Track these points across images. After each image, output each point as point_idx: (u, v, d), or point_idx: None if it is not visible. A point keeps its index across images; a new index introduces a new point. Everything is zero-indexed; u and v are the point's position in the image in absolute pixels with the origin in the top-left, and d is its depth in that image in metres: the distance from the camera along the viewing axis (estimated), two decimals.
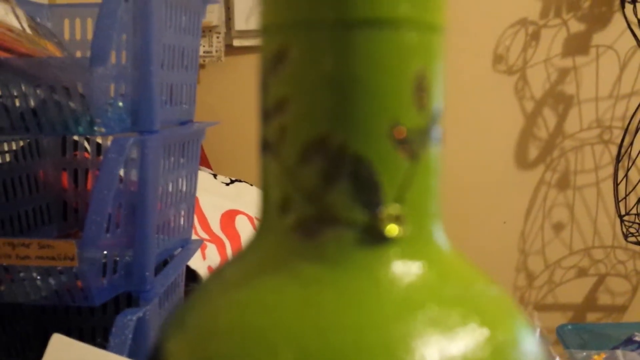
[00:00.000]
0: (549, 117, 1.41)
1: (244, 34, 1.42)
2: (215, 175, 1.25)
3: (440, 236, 0.15)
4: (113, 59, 0.51)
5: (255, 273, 0.14)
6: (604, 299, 1.43)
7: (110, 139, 0.65)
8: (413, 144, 0.13)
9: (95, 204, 0.50)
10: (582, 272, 1.43)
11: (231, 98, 1.48)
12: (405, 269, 0.13)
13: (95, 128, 0.54)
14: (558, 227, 1.43)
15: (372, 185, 0.13)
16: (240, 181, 1.23)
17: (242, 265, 0.15)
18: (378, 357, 0.12)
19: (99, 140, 0.76)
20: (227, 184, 1.19)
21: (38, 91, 0.55)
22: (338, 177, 0.13)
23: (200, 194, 0.79)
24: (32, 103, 0.57)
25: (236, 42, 1.43)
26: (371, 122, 0.13)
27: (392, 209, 0.13)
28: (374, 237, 0.13)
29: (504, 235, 1.44)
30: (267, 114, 0.14)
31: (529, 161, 1.42)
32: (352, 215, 0.13)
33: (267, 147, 0.15)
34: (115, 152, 0.51)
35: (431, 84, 0.14)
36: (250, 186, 1.22)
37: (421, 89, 0.13)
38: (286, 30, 0.14)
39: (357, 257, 0.14)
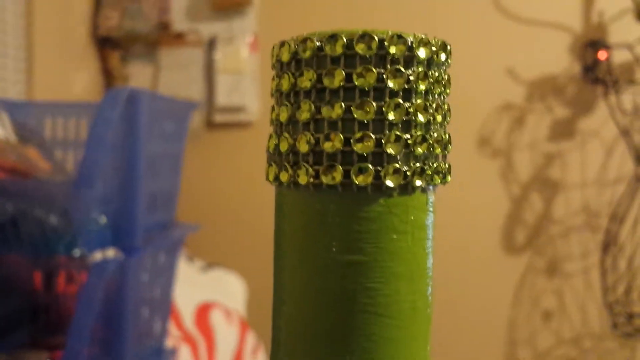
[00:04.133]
0: (536, 201, 1.47)
1: (225, 110, 1.46)
2: (191, 259, 1.27)
3: None
4: (99, 181, 0.54)
5: None
6: None
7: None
8: None
9: (76, 328, 0.52)
10: None
11: (210, 175, 1.51)
12: None
13: (76, 249, 0.56)
14: (546, 316, 1.46)
15: None
16: (217, 266, 1.25)
17: None
18: None
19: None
20: (203, 270, 1.21)
21: (20, 207, 0.58)
22: None
23: (175, 284, 0.81)
24: (11, 215, 0.59)
25: (217, 118, 1.48)
26: None
27: None
28: None
29: (490, 324, 1.46)
30: None
31: (515, 246, 1.47)
32: None
33: None
34: (96, 276, 0.53)
35: None
36: (227, 273, 1.23)
37: None
38: None
39: None
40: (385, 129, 0.16)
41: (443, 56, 0.18)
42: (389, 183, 0.15)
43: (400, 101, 0.17)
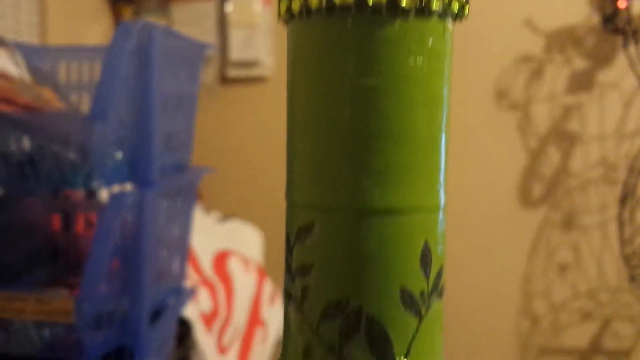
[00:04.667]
0: (553, 154, 1.45)
1: (238, 64, 1.45)
2: (207, 211, 1.28)
3: None
4: (114, 113, 0.54)
5: None
6: (608, 342, 1.45)
7: (103, 190, 0.67)
8: (419, 305, 0.17)
9: (93, 261, 0.53)
10: (587, 315, 1.46)
11: (225, 130, 1.51)
12: None
13: (94, 182, 0.57)
14: (562, 269, 1.46)
15: (385, 341, 0.16)
16: (233, 218, 1.26)
17: None
18: None
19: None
20: (220, 222, 1.21)
21: (36, 141, 0.58)
22: (355, 334, 0.16)
23: (192, 233, 0.82)
24: (29, 152, 0.59)
25: (231, 73, 1.47)
26: (384, 289, 0.16)
27: None
28: None
29: (506, 277, 1.47)
30: (292, 272, 0.18)
31: (532, 200, 1.46)
32: None
33: (290, 298, 0.18)
34: (114, 208, 0.54)
35: (434, 253, 0.17)
36: (243, 224, 1.24)
37: (426, 259, 0.16)
38: (313, 210, 0.17)
39: None
40: None
41: None
42: (404, 4, 0.15)
43: None
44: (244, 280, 0.99)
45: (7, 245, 0.71)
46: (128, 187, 0.59)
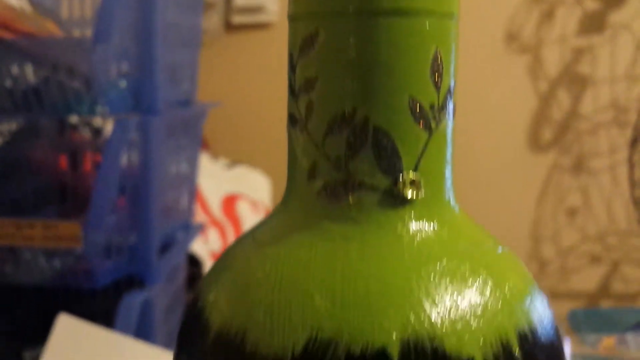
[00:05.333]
0: (564, 98, 1.43)
1: (243, 10, 1.43)
2: (215, 157, 1.27)
3: (452, 200, 0.17)
4: (116, 37, 0.53)
5: (286, 232, 0.17)
6: (617, 286, 1.45)
7: (110, 121, 0.67)
8: (429, 118, 0.16)
9: (100, 185, 0.52)
10: (595, 259, 1.46)
11: (230, 78, 1.49)
12: (422, 227, 0.16)
13: (98, 108, 0.56)
14: (571, 213, 1.45)
15: (393, 154, 0.16)
16: (240, 164, 1.25)
17: (271, 226, 0.18)
18: (398, 300, 0.15)
19: (98, 122, 0.78)
20: (228, 168, 1.21)
21: (40, 70, 0.57)
22: (362, 147, 0.16)
23: (200, 177, 0.81)
24: (33, 83, 0.59)
25: (236, 20, 1.45)
26: (392, 99, 0.15)
27: (410, 175, 0.16)
28: (394, 199, 0.16)
29: (515, 221, 1.46)
30: (296, 92, 0.17)
31: (542, 144, 1.44)
32: (375, 181, 0.16)
33: (295, 122, 0.17)
34: (119, 133, 0.53)
35: (446, 64, 0.16)
36: (251, 170, 1.24)
37: (436, 68, 0.16)
38: (315, 18, 0.16)
39: (378, 216, 0.16)
40: None
41: None
42: None
43: None
44: (253, 222, 0.99)
45: (17, 182, 0.71)
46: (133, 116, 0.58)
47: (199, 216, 0.90)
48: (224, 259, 0.18)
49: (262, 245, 0.17)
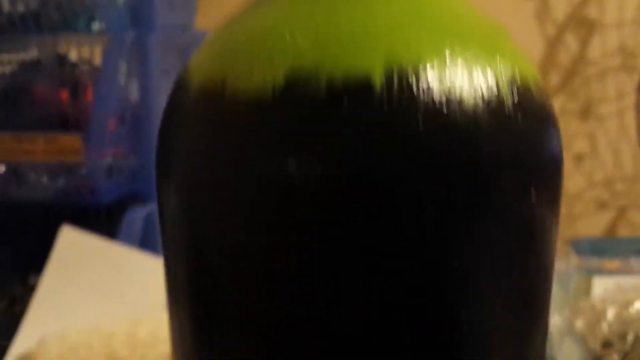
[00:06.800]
0: (571, 42, 1.41)
1: None
2: None
3: None
4: None
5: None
6: (624, 232, 1.45)
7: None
8: None
9: (100, 98, 0.52)
10: (602, 205, 1.45)
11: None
12: None
13: (95, 25, 0.56)
14: (578, 158, 1.44)
15: None
16: None
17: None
18: (383, 32, 0.15)
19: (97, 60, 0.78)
20: None
21: None
22: None
23: None
24: (32, 4, 0.58)
25: None
26: None
27: None
28: None
29: None
30: None
31: (549, 89, 1.42)
32: None
33: None
34: (116, 46, 0.53)
35: None
36: None
37: None
38: None
39: None
40: None
41: None
42: None
43: None
44: None
45: (19, 110, 0.71)
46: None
47: None
48: (210, 35, 0.18)
49: (246, 14, 0.17)
